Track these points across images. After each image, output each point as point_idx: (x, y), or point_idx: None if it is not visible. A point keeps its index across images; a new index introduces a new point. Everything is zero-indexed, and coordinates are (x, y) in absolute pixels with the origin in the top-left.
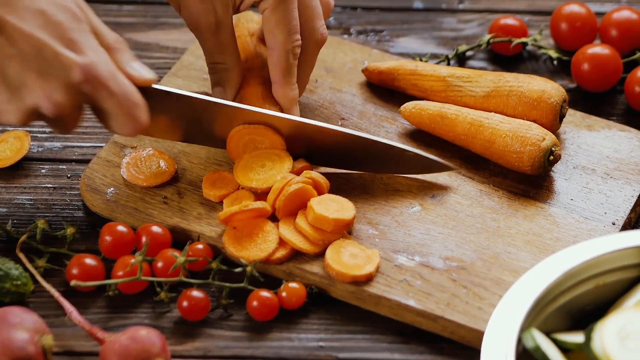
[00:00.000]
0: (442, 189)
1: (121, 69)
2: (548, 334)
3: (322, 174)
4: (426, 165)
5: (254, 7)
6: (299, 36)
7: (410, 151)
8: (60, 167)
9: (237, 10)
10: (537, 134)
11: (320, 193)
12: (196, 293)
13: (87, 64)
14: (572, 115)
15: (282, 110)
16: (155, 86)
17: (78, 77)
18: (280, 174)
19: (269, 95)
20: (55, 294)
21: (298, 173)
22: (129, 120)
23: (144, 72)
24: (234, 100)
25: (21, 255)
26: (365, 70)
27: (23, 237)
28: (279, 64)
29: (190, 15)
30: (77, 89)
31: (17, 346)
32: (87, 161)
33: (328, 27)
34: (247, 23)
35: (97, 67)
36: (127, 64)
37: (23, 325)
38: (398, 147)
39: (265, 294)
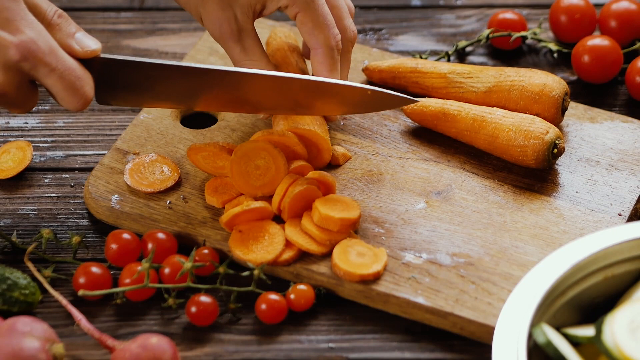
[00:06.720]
0: (446, 185)
1: (63, 44)
2: (558, 328)
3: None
4: (389, 102)
5: (279, 11)
6: (337, 30)
7: (371, 89)
8: (64, 176)
9: (258, 15)
10: (540, 128)
11: (325, 193)
12: (204, 298)
13: (24, 41)
14: (574, 108)
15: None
16: (103, 55)
17: (15, 56)
18: (280, 173)
19: None
20: (64, 301)
21: (297, 172)
22: (73, 95)
23: (88, 43)
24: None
25: (30, 264)
26: (365, 70)
27: (31, 247)
28: (325, 62)
29: (212, 25)
30: (17, 68)
31: (28, 355)
32: (90, 169)
33: None
34: (286, 39)
35: (34, 45)
36: (69, 37)
37: (33, 334)
38: (360, 88)
39: (273, 296)
